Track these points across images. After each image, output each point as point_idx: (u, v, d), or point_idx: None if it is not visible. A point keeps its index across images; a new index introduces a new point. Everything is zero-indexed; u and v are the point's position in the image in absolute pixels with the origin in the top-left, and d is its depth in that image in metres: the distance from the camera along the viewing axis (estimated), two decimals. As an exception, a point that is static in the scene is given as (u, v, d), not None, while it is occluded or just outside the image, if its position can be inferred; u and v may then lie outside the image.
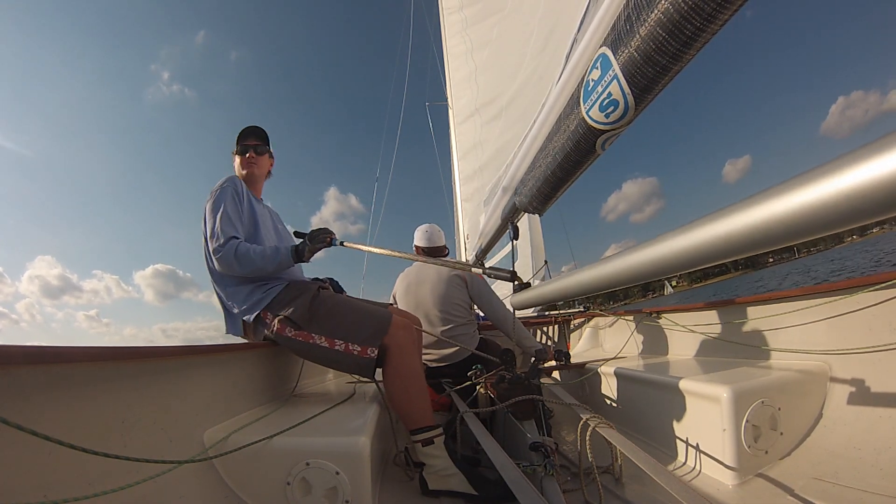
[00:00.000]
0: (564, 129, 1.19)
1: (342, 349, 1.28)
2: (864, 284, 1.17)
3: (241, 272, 1.36)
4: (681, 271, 1.14)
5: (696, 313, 1.87)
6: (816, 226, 0.51)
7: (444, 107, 4.71)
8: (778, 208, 0.58)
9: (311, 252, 1.43)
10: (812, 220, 0.50)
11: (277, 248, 1.39)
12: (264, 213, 1.59)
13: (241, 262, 1.33)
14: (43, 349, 0.67)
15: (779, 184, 0.58)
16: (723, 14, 0.70)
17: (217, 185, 1.46)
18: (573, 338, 2.88)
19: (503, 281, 1.41)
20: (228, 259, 1.32)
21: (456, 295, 2.08)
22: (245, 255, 1.33)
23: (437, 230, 2.37)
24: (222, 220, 1.36)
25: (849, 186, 0.38)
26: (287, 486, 0.96)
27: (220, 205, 1.39)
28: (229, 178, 1.49)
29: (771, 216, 0.57)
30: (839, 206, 0.41)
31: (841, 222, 0.48)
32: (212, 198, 1.42)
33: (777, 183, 0.60)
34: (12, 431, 0.54)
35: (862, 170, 0.36)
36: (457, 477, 1.19)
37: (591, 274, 1.58)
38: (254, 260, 1.33)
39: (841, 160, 0.39)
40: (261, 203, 1.63)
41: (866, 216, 0.40)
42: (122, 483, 0.70)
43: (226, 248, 1.33)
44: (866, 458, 1.02)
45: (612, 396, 1.74)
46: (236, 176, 1.53)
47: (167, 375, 0.95)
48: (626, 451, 0.97)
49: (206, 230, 1.41)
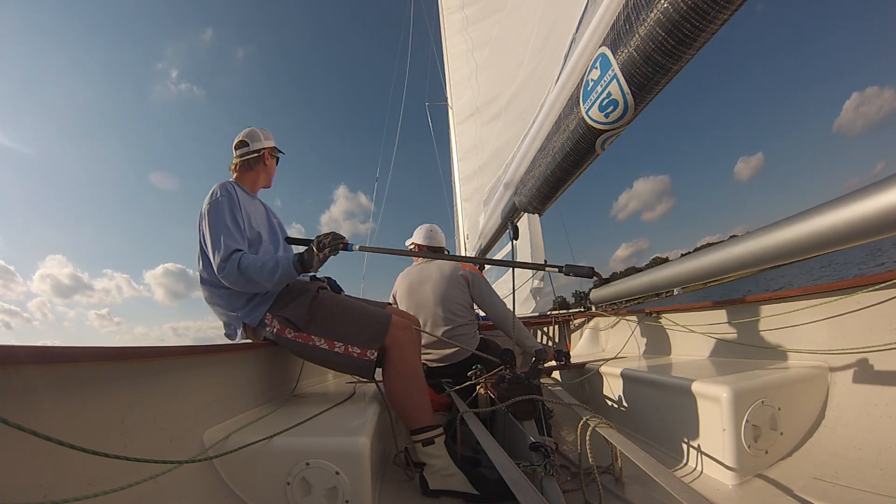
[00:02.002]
0: (564, 129, 1.19)
1: (342, 351, 1.28)
2: (864, 284, 1.17)
3: (246, 288, 1.33)
4: (755, 268, 1.22)
5: (697, 313, 1.87)
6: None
7: (444, 107, 4.71)
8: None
9: (321, 261, 1.34)
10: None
11: (278, 262, 1.31)
12: (258, 208, 1.58)
13: (244, 276, 1.29)
14: (43, 349, 0.68)
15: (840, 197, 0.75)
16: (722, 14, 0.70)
17: (211, 198, 1.40)
18: (573, 338, 2.88)
19: (582, 277, 1.39)
20: (233, 273, 1.29)
21: (458, 295, 2.08)
22: (248, 269, 1.29)
23: (438, 230, 2.37)
24: (225, 236, 1.32)
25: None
26: (287, 486, 0.96)
27: (219, 219, 1.35)
28: (222, 187, 1.43)
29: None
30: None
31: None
32: (207, 215, 1.37)
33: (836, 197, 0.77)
34: (12, 431, 0.54)
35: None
36: (457, 477, 1.19)
37: (666, 272, 1.66)
38: (254, 275, 1.29)
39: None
40: (255, 198, 1.62)
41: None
42: (122, 483, 0.70)
43: (230, 263, 1.29)
44: (867, 458, 1.02)
45: (612, 396, 1.74)
46: (228, 183, 1.48)
47: (167, 375, 0.95)
48: (626, 451, 0.97)
49: (205, 244, 1.37)
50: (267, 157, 1.65)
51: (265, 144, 1.64)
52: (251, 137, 1.63)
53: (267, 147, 1.64)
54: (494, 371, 1.66)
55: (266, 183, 1.69)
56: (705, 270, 1.37)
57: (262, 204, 1.67)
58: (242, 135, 1.64)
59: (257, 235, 1.47)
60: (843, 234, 0.87)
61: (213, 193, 1.41)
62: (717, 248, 1.32)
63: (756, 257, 1.13)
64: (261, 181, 1.67)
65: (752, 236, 1.15)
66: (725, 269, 1.28)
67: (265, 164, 1.65)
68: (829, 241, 0.92)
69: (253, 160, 1.62)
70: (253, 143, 1.62)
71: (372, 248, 1.53)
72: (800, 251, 1.01)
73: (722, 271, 1.30)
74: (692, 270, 1.43)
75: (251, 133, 1.64)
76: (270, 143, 1.67)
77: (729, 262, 1.25)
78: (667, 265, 1.69)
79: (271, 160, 1.69)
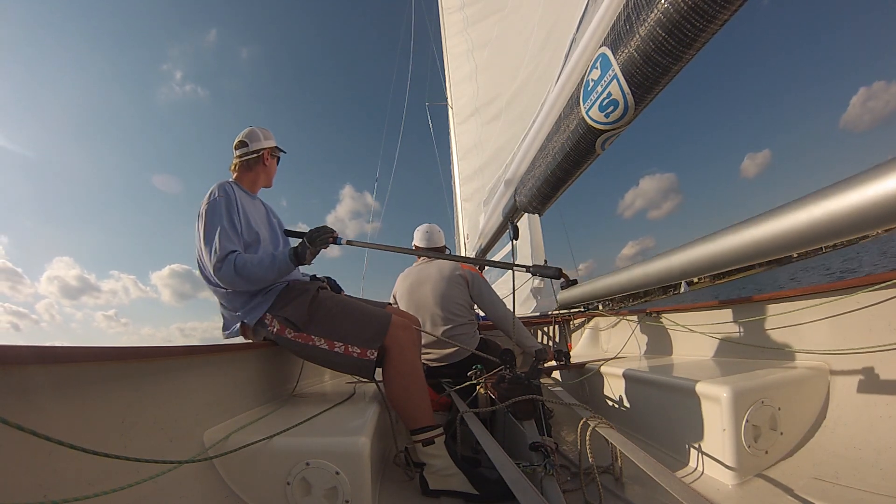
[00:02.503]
0: (564, 129, 1.19)
1: (342, 351, 1.28)
2: (864, 284, 1.17)
3: (245, 287, 1.34)
4: (717, 270, 1.18)
5: (697, 313, 1.87)
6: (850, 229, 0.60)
7: (444, 107, 4.71)
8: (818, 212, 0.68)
9: (313, 254, 1.38)
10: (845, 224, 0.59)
11: (275, 256, 1.34)
12: (257, 208, 1.58)
13: (241, 276, 1.30)
14: (43, 349, 0.68)
15: (822, 189, 0.68)
16: (722, 14, 0.70)
17: (209, 198, 1.40)
18: (573, 338, 2.88)
19: (548, 278, 1.39)
20: (229, 274, 1.29)
21: (457, 294, 2.08)
22: (244, 268, 1.29)
23: (437, 230, 2.35)
24: (220, 237, 1.32)
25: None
26: (287, 486, 0.96)
27: (215, 220, 1.35)
28: (220, 188, 1.43)
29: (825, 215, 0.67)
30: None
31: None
32: (204, 215, 1.37)
33: (820, 188, 0.70)
34: (12, 431, 0.54)
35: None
36: (457, 476, 1.19)
37: (631, 274, 1.62)
38: (253, 272, 1.30)
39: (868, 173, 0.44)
40: (255, 198, 1.62)
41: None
42: (122, 483, 0.70)
43: (225, 264, 1.29)
44: (867, 458, 1.02)
45: (612, 396, 1.74)
46: (227, 183, 1.48)
47: (167, 375, 0.95)
48: (626, 451, 0.97)
49: (201, 244, 1.37)
50: (267, 157, 1.64)
51: (265, 144, 1.64)
52: (251, 137, 1.63)
53: (267, 147, 1.64)
54: (494, 371, 1.66)
55: (266, 183, 1.69)
56: (675, 271, 1.31)
57: (263, 204, 1.66)
58: (242, 135, 1.63)
59: (256, 236, 1.46)
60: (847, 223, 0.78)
61: (211, 193, 1.41)
62: (687, 248, 1.27)
63: (731, 255, 1.08)
64: (261, 181, 1.66)
65: (725, 233, 1.11)
66: (695, 270, 1.22)
67: (265, 165, 1.64)
68: (825, 234, 0.85)
69: (252, 160, 1.61)
70: (252, 143, 1.62)
71: (359, 242, 1.54)
72: (780, 248, 0.97)
73: (691, 272, 1.25)
74: (660, 271, 1.38)
75: (251, 133, 1.63)
76: (271, 142, 1.66)
77: (699, 261, 1.19)
78: (633, 266, 1.65)
79: (271, 160, 1.68)
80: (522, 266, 1.43)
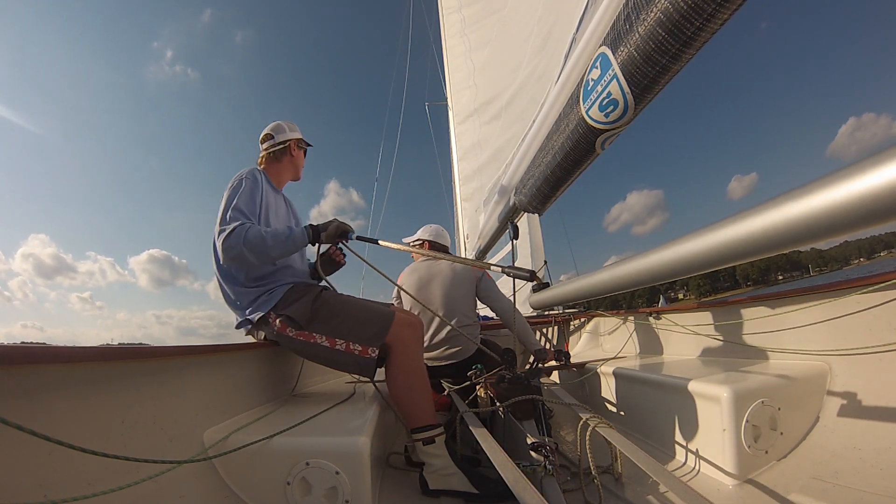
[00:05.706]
0: (564, 129, 1.19)
1: (343, 349, 1.28)
2: (864, 284, 1.17)
3: (248, 258, 1.27)
4: (693, 273, 1.13)
5: (696, 314, 1.87)
6: (816, 231, 0.56)
7: (444, 107, 4.71)
8: (779, 216, 0.63)
9: (329, 235, 1.43)
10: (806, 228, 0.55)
11: (291, 229, 1.36)
12: (279, 203, 1.58)
13: (248, 245, 1.25)
14: (43, 349, 0.68)
15: (786, 192, 0.63)
16: (722, 14, 0.70)
17: (237, 178, 1.43)
18: (573, 338, 2.88)
19: (522, 280, 1.39)
20: (236, 242, 1.24)
21: (466, 294, 2.08)
22: (254, 237, 1.26)
23: (444, 231, 2.38)
24: (234, 209, 1.32)
25: (839, 197, 0.41)
26: (287, 485, 0.96)
27: (236, 194, 1.36)
28: (250, 171, 1.46)
29: (782, 220, 0.62)
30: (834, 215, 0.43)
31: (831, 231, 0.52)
32: (229, 189, 1.39)
33: (783, 192, 0.64)
34: (12, 431, 0.54)
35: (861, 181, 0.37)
36: (457, 476, 1.19)
37: (605, 276, 1.58)
38: (263, 242, 1.26)
39: (834, 175, 0.42)
40: (279, 193, 1.62)
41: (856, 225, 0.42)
42: (122, 483, 0.70)
43: (235, 231, 1.25)
44: (866, 458, 1.02)
45: (611, 396, 1.74)
46: (257, 168, 1.51)
47: (167, 375, 0.95)
48: (625, 451, 0.97)
49: (217, 221, 1.35)
50: (293, 148, 1.65)
51: (290, 136, 1.64)
52: (276, 130, 1.63)
53: (293, 138, 1.64)
54: (494, 371, 1.66)
55: (294, 175, 1.69)
56: (646, 274, 1.24)
57: (285, 199, 1.67)
58: (268, 129, 1.64)
59: (266, 222, 1.47)
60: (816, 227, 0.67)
61: (240, 175, 1.43)
62: (659, 249, 1.20)
63: (709, 256, 0.96)
64: (288, 174, 1.66)
65: (697, 234, 1.01)
66: (668, 273, 1.14)
67: (292, 156, 1.64)
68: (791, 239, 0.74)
69: (279, 152, 1.61)
70: (278, 135, 1.62)
71: (367, 238, 1.55)
72: (764, 248, 0.83)
73: (663, 276, 1.17)
74: (630, 274, 1.32)
75: (277, 126, 1.64)
76: (296, 134, 1.67)
77: (672, 264, 1.11)
78: (603, 269, 1.60)
79: (298, 151, 1.67)
80: (499, 266, 1.44)
